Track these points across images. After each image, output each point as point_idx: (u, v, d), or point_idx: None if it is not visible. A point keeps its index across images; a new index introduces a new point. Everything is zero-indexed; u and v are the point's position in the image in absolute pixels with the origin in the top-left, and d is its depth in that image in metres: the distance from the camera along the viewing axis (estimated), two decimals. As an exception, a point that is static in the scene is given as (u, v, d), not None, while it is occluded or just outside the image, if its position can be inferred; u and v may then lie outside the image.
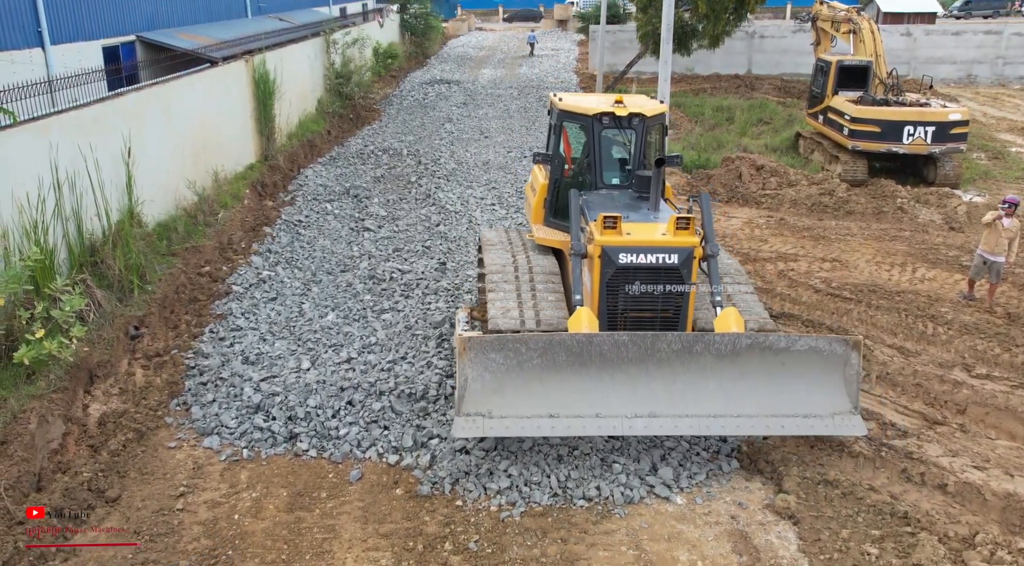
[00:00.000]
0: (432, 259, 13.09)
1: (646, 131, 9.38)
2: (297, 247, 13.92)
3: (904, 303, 11.48)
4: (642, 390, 7.56)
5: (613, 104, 9.35)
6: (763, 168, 17.23)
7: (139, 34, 18.09)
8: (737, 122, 24.00)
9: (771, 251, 13.71)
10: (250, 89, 18.72)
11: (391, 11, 43.16)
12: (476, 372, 7.40)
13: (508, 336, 7.56)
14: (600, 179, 9.56)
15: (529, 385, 7.49)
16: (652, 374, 7.59)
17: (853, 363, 7.76)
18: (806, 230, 14.68)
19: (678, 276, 8.08)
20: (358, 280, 12.30)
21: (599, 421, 7.46)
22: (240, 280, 12.35)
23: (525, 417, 7.43)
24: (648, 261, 7.99)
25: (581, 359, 7.53)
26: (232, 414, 8.55)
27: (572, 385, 7.53)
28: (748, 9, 28.19)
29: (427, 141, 22.48)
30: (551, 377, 7.52)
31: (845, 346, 7.75)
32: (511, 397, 7.46)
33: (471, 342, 7.42)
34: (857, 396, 7.82)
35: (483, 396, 7.42)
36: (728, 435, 7.83)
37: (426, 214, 15.61)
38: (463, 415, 7.35)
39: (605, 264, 8.03)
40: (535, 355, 7.47)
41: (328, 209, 16.05)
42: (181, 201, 14.61)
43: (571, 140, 10.09)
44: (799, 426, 7.65)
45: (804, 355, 7.71)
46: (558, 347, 7.48)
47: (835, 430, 7.72)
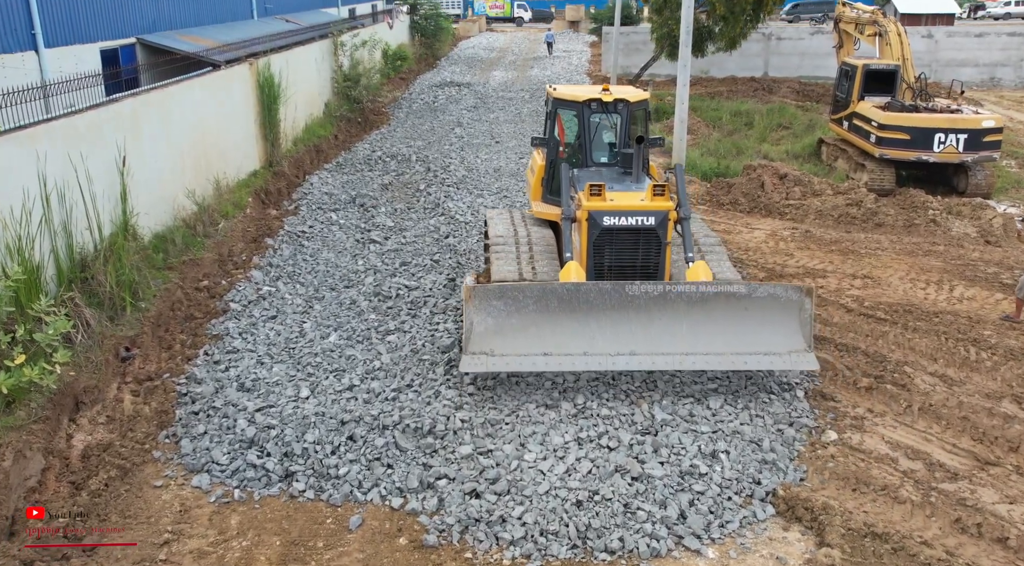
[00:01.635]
0: (441, 274, 12.44)
1: (630, 115, 10.57)
2: (300, 260, 13.30)
3: (943, 325, 10.76)
4: (623, 332, 8.65)
5: (600, 92, 10.57)
6: (786, 177, 16.52)
7: (139, 36, 17.53)
8: (756, 127, 23.27)
9: (798, 266, 13.00)
10: (254, 93, 18.15)
11: (401, 12, 42.59)
12: (480, 317, 8.56)
13: (507, 285, 8.76)
14: (590, 158, 10.80)
15: (525, 328, 8.61)
16: (632, 318, 8.69)
17: (807, 308, 8.87)
18: (834, 243, 13.96)
19: (655, 236, 9.29)
20: (362, 297, 11.67)
21: (586, 358, 8.59)
22: (239, 297, 11.74)
23: (522, 355, 8.57)
24: (629, 223, 9.19)
25: (571, 305, 8.64)
26: (224, 449, 7.93)
27: (563, 327, 8.63)
28: (766, 11, 27.48)
29: (436, 146, 21.85)
30: (545, 321, 8.64)
31: (799, 293, 8.88)
32: (510, 338, 8.58)
33: (475, 290, 8.64)
34: (810, 336, 8.91)
35: (486, 337, 8.56)
36: (698, 369, 8.92)
37: (435, 225, 14.97)
38: (469, 353, 8.50)
39: (592, 226, 9.24)
40: (531, 302, 8.61)
41: (333, 219, 15.43)
42: (180, 211, 14.03)
43: (565, 125, 11.28)
44: (759, 362, 8.72)
45: (764, 301, 8.83)
46: (551, 295, 8.64)
47: (791, 365, 8.80)
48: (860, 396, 9.17)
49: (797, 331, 8.87)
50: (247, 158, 17.64)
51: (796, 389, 9.19)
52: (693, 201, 16.53)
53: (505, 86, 33.08)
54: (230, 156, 16.65)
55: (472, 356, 8.49)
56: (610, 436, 8.03)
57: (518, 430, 8.13)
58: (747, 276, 12.34)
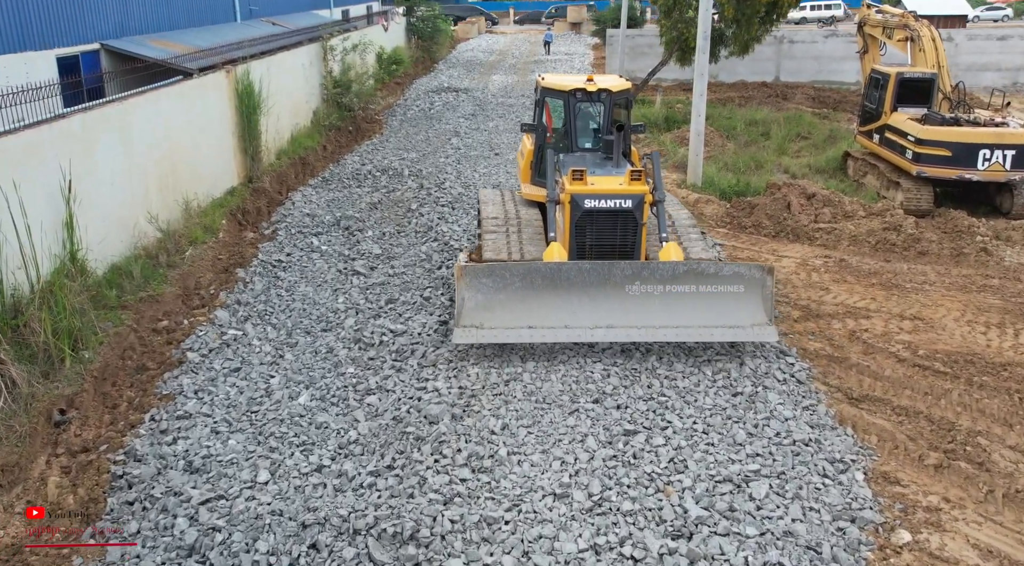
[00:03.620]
0: (432, 315, 10.93)
1: (613, 104, 11.34)
2: (273, 296, 11.79)
3: (1015, 381, 9.25)
4: (602, 307, 9.43)
5: (585, 82, 11.28)
6: (814, 196, 15.00)
7: (103, 42, 15.98)
8: (774, 138, 21.75)
9: (836, 303, 11.49)
10: (232, 103, 16.64)
11: (397, 14, 41.08)
12: (470, 293, 9.33)
13: (495, 264, 9.57)
14: (575, 143, 11.52)
15: (512, 303, 9.38)
16: (609, 294, 9.46)
17: (768, 285, 9.59)
18: (873, 275, 12.44)
19: (632, 217, 10.04)
20: (341, 344, 10.16)
21: (568, 331, 9.36)
22: (199, 343, 10.23)
23: (509, 328, 9.33)
24: (608, 205, 9.95)
25: (553, 283, 9.41)
26: (158, 558, 6.41)
27: (546, 303, 9.40)
28: (781, 13, 25.95)
29: (431, 159, 20.34)
30: (530, 297, 9.40)
31: (762, 271, 9.60)
32: (498, 312, 9.35)
33: (466, 269, 9.37)
34: (772, 311, 9.67)
35: (476, 312, 9.34)
36: (669, 341, 9.56)
37: (427, 252, 13.46)
38: (461, 326, 9.31)
39: (574, 208, 9.98)
40: (517, 279, 9.38)
41: (314, 245, 13.92)
42: (141, 239, 12.53)
43: (552, 112, 12.05)
44: (724, 334, 9.46)
45: (729, 278, 9.55)
46: (535, 273, 9.39)
47: (754, 337, 9.51)
48: (930, 477, 7.66)
49: (760, 306, 9.66)
50: (223, 174, 16.14)
51: (853, 468, 7.69)
52: (712, 222, 15.04)
53: (505, 91, 31.58)
54: (204, 173, 15.16)
55: (464, 329, 9.34)
56: (635, 541, 6.51)
57: (521, 532, 6.62)
58: (781, 315, 10.89)
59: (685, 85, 33.40)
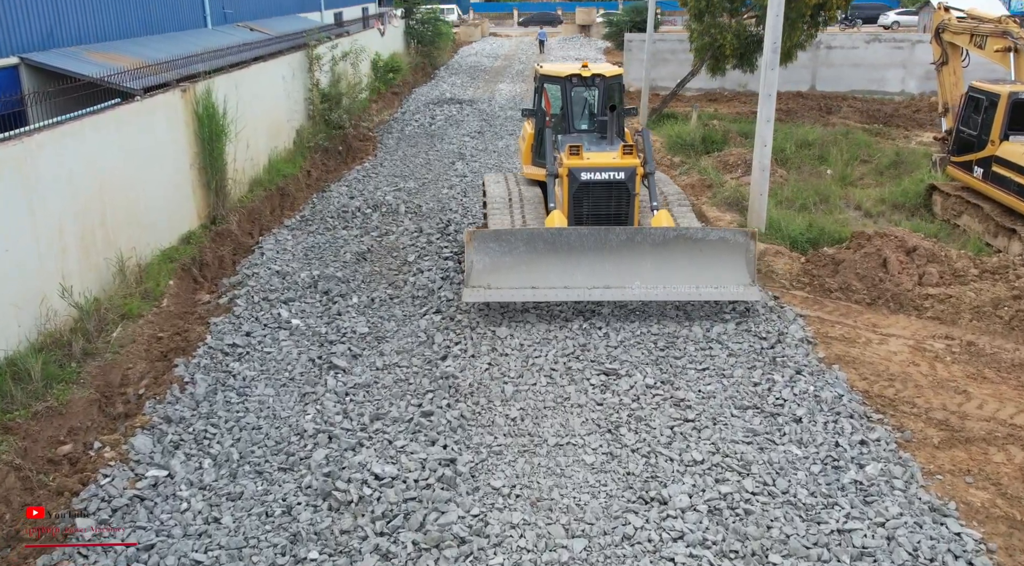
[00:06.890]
0: (434, 444, 7.84)
1: (607, 88, 12.27)
2: (219, 405, 8.71)
3: None
4: (598, 269, 10.38)
5: (580, 68, 12.19)
6: (915, 251, 11.90)
7: (24, 55, 12.85)
8: (831, 162, 18.63)
9: (986, 417, 8.41)
10: (190, 128, 13.60)
11: (394, 17, 38.02)
12: (479, 256, 10.34)
13: (502, 230, 10.59)
14: (572, 125, 12.39)
15: (517, 266, 10.39)
16: (605, 257, 10.41)
17: (751, 249, 10.51)
18: (1021, 368, 9.38)
19: (625, 188, 11.03)
20: (304, 499, 7.06)
21: (567, 290, 10.33)
22: (101, 494, 7.15)
23: (514, 288, 10.33)
24: (603, 177, 10.99)
25: (554, 247, 10.40)
26: None
27: (548, 265, 10.39)
28: (830, 16, 22.88)
29: (432, 189, 17.28)
30: (533, 260, 10.40)
31: (745, 236, 10.52)
32: (504, 274, 10.38)
33: (475, 234, 10.38)
34: (754, 273, 10.53)
35: (484, 274, 10.36)
36: (660, 300, 10.40)
37: (426, 330, 10.38)
38: (470, 287, 10.30)
39: (571, 181, 11.03)
40: (521, 244, 10.40)
41: (282, 318, 10.83)
42: (49, 320, 9.48)
43: (550, 97, 12.73)
44: (711, 294, 10.35)
45: (715, 243, 10.48)
46: (538, 238, 10.43)
47: (738, 297, 10.40)
48: None
49: (743, 268, 10.49)
50: (178, 217, 13.09)
51: None
52: (786, 283, 11.96)
53: (514, 102, 28.52)
54: (149, 220, 12.11)
55: (473, 289, 10.23)
56: None
57: None
58: (915, 438, 7.85)
59: (711, 95, 30.32)
